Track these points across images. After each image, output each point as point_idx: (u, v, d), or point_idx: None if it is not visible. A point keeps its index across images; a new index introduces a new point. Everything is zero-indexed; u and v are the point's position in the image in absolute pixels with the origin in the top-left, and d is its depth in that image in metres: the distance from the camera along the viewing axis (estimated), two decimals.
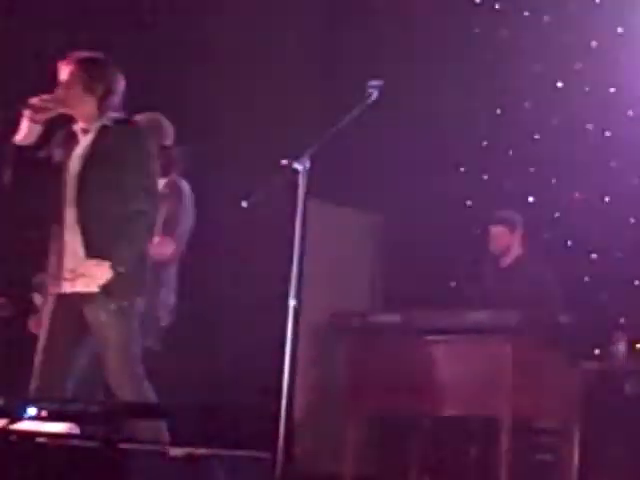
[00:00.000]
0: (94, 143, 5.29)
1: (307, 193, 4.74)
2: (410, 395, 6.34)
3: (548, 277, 7.21)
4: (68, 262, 5.23)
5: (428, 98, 8.59)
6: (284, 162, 4.77)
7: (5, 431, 4.61)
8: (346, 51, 8.70)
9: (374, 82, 4.85)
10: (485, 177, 8.86)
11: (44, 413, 4.70)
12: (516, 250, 7.60)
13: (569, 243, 8.26)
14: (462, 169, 9.14)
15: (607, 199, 8.20)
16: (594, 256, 6.17)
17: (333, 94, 6.38)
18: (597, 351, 7.29)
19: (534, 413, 6.38)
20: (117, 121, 5.35)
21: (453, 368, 6.23)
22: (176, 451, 4.16)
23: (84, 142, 5.32)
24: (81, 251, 5.25)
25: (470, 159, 8.98)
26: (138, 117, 5.76)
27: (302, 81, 8.03)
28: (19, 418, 4.67)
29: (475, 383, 6.15)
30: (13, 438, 4.61)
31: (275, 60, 8.19)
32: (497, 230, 7.62)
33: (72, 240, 5.29)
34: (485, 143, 8.93)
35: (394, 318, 6.74)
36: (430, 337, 6.48)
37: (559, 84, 8.55)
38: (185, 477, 4.13)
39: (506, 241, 7.55)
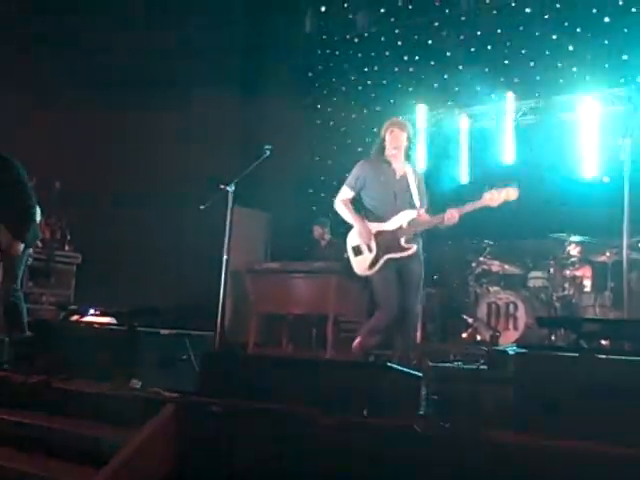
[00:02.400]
0: None
1: (233, 202, 4.75)
2: (284, 304, 6.19)
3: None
4: None
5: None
6: (222, 186, 4.75)
7: (78, 321, 4.66)
8: (252, 124, 8.32)
9: (267, 146, 4.85)
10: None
11: (97, 312, 4.70)
12: (327, 237, 7.34)
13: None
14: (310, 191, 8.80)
15: None
16: None
17: (248, 149, 6.22)
18: None
19: (345, 312, 6.14)
20: None
21: (306, 290, 6.10)
22: (164, 331, 4.14)
23: None
24: None
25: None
26: None
27: (231, 142, 7.92)
28: (84, 314, 4.70)
29: (317, 297, 6.05)
30: (81, 325, 4.59)
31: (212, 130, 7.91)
32: (316, 228, 7.26)
33: None
34: None
35: (276, 265, 6.67)
36: (294, 274, 6.31)
37: None
38: (170, 345, 4.07)
39: (320, 234, 7.31)
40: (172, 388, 3.52)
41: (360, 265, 4.59)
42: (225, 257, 4.65)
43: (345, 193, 4.73)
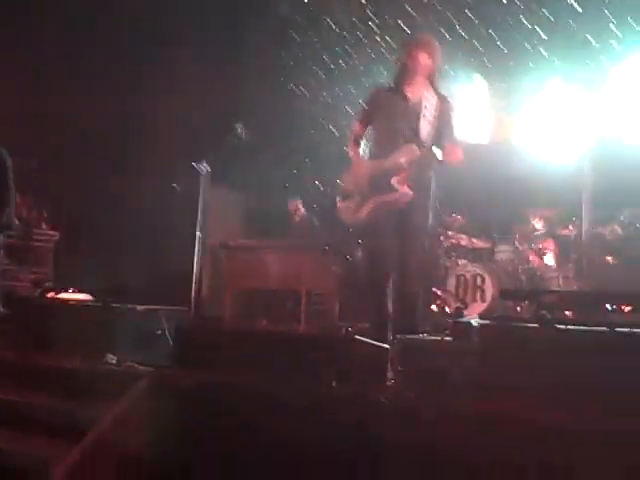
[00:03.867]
0: None
1: (208, 181, 4.54)
2: (258, 279, 5.96)
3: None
4: None
5: None
6: (194, 164, 4.50)
7: (54, 298, 4.58)
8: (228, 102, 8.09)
9: (239, 124, 4.60)
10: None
11: (75, 290, 4.63)
12: (301, 212, 7.46)
13: None
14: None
15: None
16: None
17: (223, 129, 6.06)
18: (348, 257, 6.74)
19: (316, 287, 5.88)
20: None
21: (279, 266, 5.87)
22: (140, 307, 4.06)
23: None
24: None
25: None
26: None
27: (207, 122, 7.71)
28: (60, 291, 4.60)
29: (290, 273, 5.85)
30: (57, 302, 4.51)
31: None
32: (290, 202, 7.34)
33: None
34: None
35: (249, 241, 6.56)
36: (268, 250, 6.07)
37: None
38: (145, 320, 3.99)
39: (294, 208, 7.38)
40: (147, 363, 3.45)
41: (346, 210, 3.89)
42: (198, 234, 4.50)
43: (354, 129, 4.04)
